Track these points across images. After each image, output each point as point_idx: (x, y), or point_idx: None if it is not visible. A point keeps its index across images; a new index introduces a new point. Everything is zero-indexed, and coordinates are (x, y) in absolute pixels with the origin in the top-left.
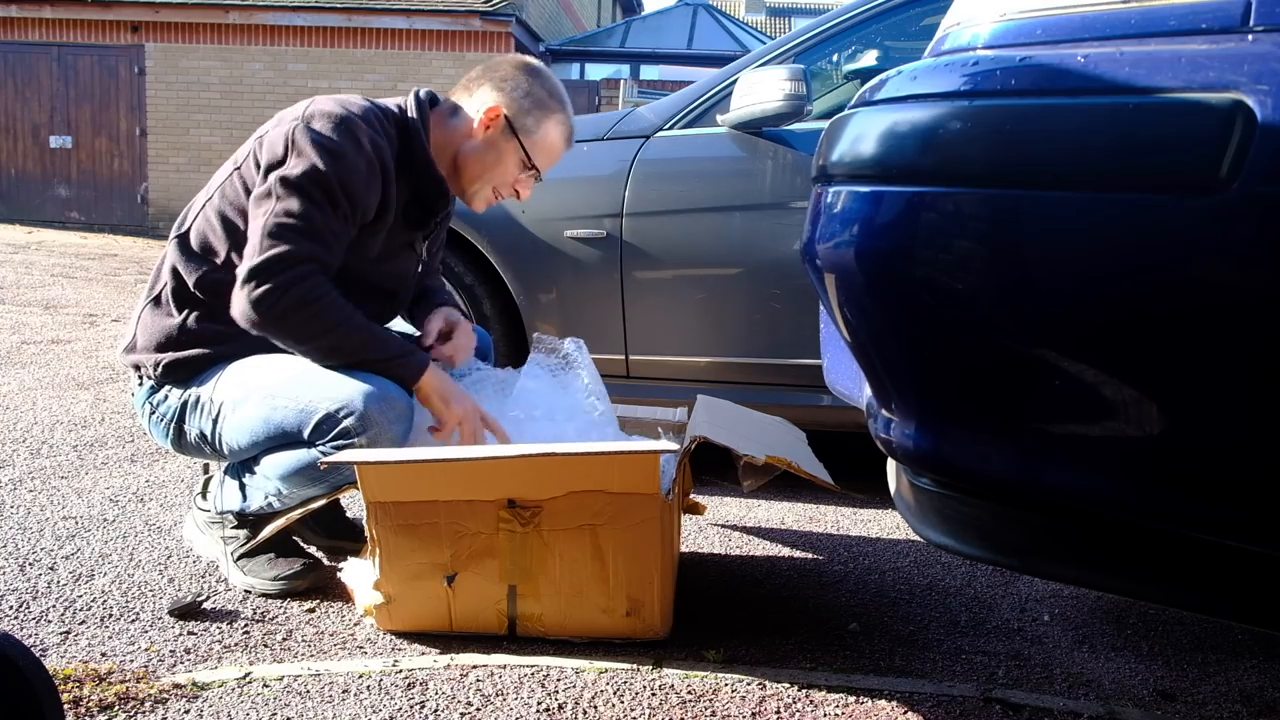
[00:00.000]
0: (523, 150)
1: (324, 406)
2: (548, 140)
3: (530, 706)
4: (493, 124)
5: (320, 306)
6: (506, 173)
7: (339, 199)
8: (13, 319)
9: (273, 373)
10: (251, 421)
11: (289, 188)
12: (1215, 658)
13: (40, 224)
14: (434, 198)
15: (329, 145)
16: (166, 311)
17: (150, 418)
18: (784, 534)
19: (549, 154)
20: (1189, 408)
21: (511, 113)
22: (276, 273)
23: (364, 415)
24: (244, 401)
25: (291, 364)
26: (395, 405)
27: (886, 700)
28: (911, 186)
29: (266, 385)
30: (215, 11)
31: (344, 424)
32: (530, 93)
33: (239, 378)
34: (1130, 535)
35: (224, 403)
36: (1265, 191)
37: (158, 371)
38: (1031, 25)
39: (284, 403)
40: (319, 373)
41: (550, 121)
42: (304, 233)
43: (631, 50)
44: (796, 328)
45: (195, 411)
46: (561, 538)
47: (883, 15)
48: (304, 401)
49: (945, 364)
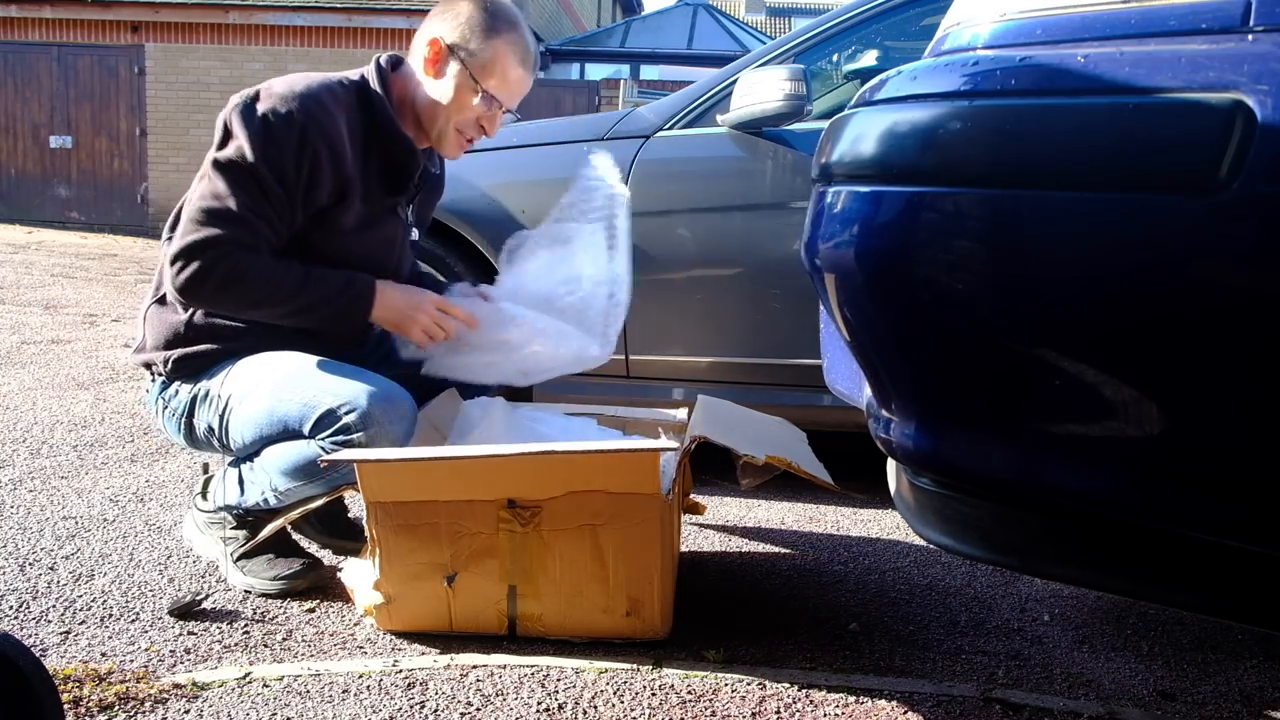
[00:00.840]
0: (472, 78)
1: (326, 402)
2: (498, 62)
3: (530, 706)
4: (438, 57)
5: (246, 282)
6: (463, 107)
7: (266, 180)
8: (13, 319)
9: (279, 367)
10: (256, 414)
11: (217, 169)
12: (1215, 658)
13: (40, 224)
14: (406, 160)
15: (261, 127)
16: (173, 309)
17: (163, 413)
18: (784, 534)
19: (502, 77)
20: (1189, 408)
21: (453, 40)
22: (196, 256)
23: (366, 413)
24: (250, 395)
25: (298, 359)
26: (398, 406)
27: (886, 700)
28: (911, 186)
29: (272, 379)
30: (215, 11)
31: (345, 420)
32: (472, 17)
33: (246, 372)
34: (1130, 535)
35: (231, 396)
36: (1265, 191)
37: (168, 367)
38: (1031, 25)
39: (288, 396)
40: (325, 368)
41: (499, 41)
42: (225, 216)
43: (631, 50)
44: (796, 328)
45: (204, 405)
46: (561, 538)
47: (883, 15)
48: (308, 396)
49: (945, 364)
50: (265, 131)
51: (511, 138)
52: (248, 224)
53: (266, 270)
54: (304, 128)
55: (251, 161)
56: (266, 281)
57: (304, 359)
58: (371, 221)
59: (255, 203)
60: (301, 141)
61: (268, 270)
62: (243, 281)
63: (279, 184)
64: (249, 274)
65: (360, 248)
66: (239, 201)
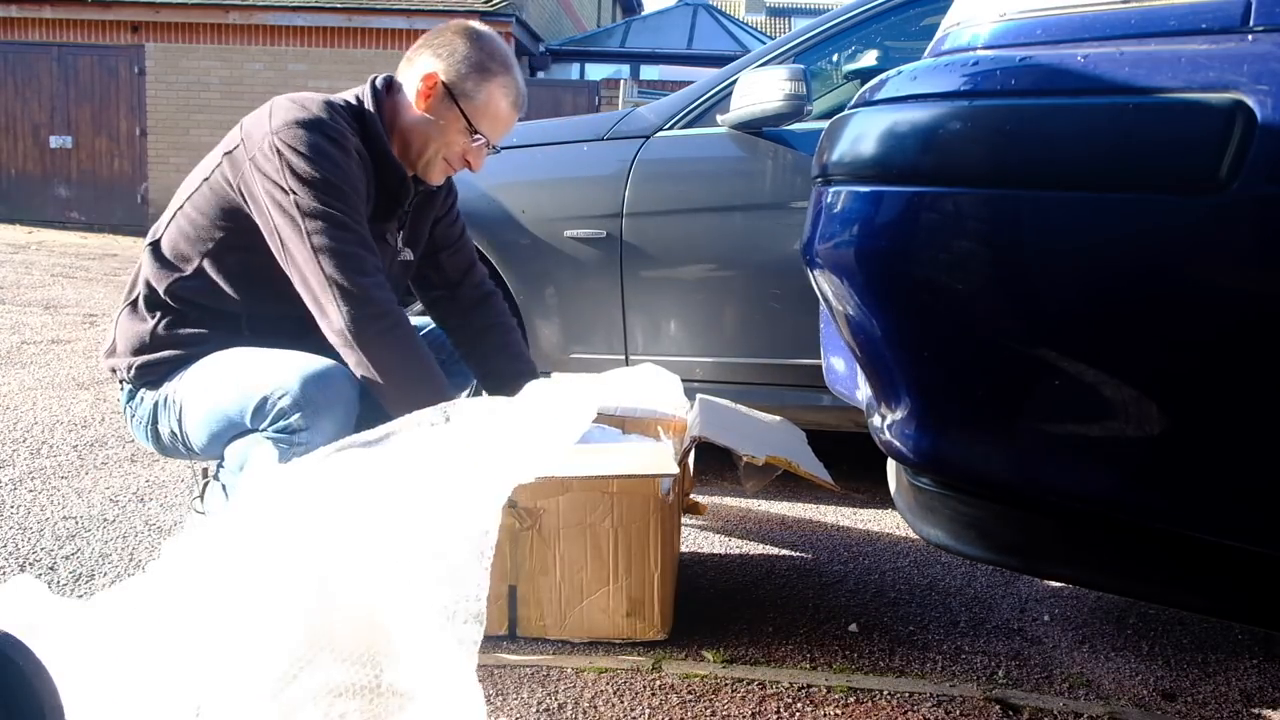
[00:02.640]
0: (464, 117)
1: (260, 390)
2: (490, 105)
3: (530, 706)
4: (431, 92)
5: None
6: (452, 142)
7: (353, 201)
8: (13, 319)
9: (221, 364)
10: (204, 415)
11: (313, 218)
12: (1215, 658)
13: (40, 224)
14: (396, 184)
15: (319, 158)
16: (141, 317)
17: (132, 421)
18: (784, 534)
19: (493, 119)
20: (1188, 408)
21: (449, 79)
22: (363, 315)
23: (298, 396)
24: (196, 395)
25: (240, 354)
26: (332, 384)
27: (886, 700)
28: (911, 186)
29: (214, 375)
30: (215, 11)
31: (279, 405)
32: (468, 57)
33: (196, 373)
34: (1130, 535)
35: (184, 399)
36: (1265, 191)
37: (131, 374)
38: (1031, 25)
39: (226, 389)
40: (260, 359)
41: (492, 85)
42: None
43: (631, 50)
44: (796, 328)
45: (165, 410)
46: (561, 538)
47: (883, 15)
48: (243, 387)
49: (945, 364)
50: (328, 158)
51: (511, 138)
52: (369, 247)
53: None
54: (343, 139)
55: (339, 189)
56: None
57: (246, 353)
58: None
59: (360, 226)
60: (346, 151)
61: (419, 352)
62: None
63: (358, 195)
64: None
65: None
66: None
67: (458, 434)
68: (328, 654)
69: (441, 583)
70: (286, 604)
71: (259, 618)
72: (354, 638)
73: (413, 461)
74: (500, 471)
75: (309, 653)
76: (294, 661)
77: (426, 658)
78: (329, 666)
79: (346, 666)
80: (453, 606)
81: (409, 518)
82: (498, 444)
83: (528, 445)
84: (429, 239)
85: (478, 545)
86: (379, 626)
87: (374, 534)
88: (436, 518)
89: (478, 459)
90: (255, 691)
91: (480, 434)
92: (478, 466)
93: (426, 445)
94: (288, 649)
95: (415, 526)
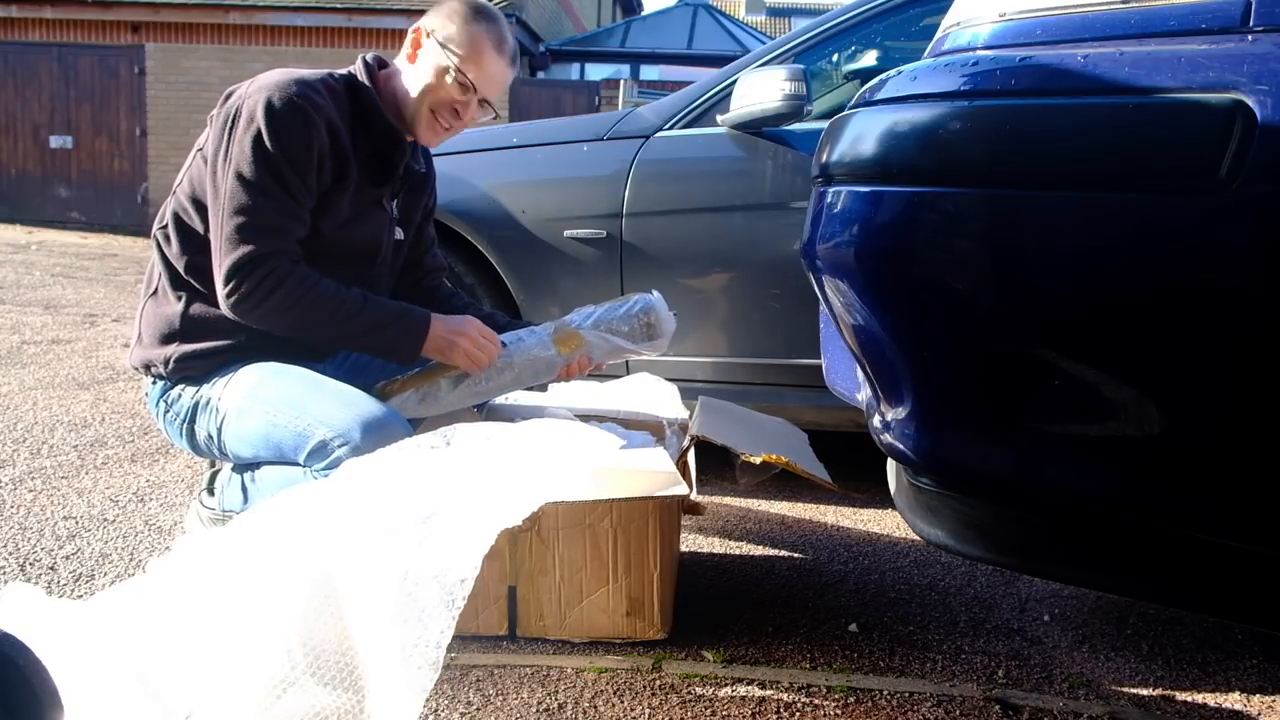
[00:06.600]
0: (450, 58)
1: (319, 433)
2: (475, 48)
3: (530, 706)
4: (417, 42)
5: (304, 305)
6: (440, 88)
7: (286, 176)
8: (13, 319)
9: (277, 385)
10: (251, 435)
11: (238, 181)
12: (1215, 658)
13: (40, 224)
14: (390, 148)
15: (269, 124)
16: (166, 301)
17: (165, 417)
18: (784, 534)
19: (478, 64)
20: (1188, 407)
21: (434, 27)
22: (246, 276)
23: (359, 447)
24: (247, 412)
25: (297, 377)
26: (391, 435)
27: (886, 700)
28: (911, 186)
29: (269, 399)
30: (215, 11)
31: (337, 453)
32: (456, 10)
33: (246, 385)
34: (1130, 535)
35: (229, 410)
36: (1265, 191)
37: (169, 368)
38: (1031, 25)
39: (283, 421)
40: (321, 392)
41: (475, 28)
42: (260, 229)
43: (631, 50)
44: (796, 328)
45: (205, 413)
46: (561, 538)
47: (883, 15)
48: (302, 425)
49: (945, 364)
50: (278, 126)
51: (511, 138)
52: (281, 229)
53: (323, 295)
54: (313, 107)
55: (272, 160)
56: (323, 307)
57: (301, 376)
58: (360, 213)
59: (281, 204)
60: (309, 121)
61: (324, 295)
62: (300, 306)
63: (297, 174)
64: (305, 299)
65: (349, 240)
66: (269, 209)
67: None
68: (311, 677)
69: (406, 623)
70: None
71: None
72: (338, 661)
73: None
74: (488, 517)
75: (293, 674)
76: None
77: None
78: (313, 689)
79: (330, 690)
80: (409, 650)
81: (393, 550)
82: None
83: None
84: (416, 234)
85: (450, 593)
86: (357, 653)
87: (359, 560)
88: (418, 555)
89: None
90: (243, 703)
91: (476, 467)
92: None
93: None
94: (276, 664)
95: (396, 561)
